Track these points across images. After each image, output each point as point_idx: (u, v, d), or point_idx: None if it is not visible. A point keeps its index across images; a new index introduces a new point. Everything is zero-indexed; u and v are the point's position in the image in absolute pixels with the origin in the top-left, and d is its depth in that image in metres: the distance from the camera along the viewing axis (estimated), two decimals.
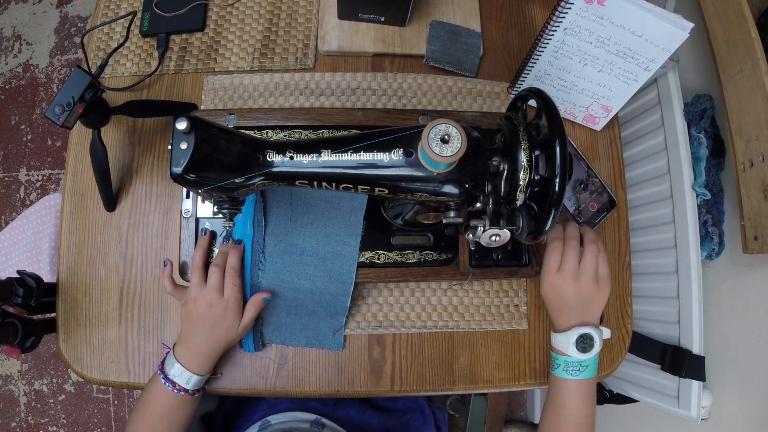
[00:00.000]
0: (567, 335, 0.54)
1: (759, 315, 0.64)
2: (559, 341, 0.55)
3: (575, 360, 0.54)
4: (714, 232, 0.70)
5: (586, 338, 0.53)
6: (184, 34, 0.70)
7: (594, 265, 0.54)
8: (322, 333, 0.62)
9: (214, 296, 0.54)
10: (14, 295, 0.59)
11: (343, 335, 0.62)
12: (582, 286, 0.54)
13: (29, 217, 0.85)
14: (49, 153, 1.52)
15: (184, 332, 0.56)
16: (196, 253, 0.57)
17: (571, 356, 0.54)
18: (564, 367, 0.55)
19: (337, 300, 0.60)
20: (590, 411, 0.55)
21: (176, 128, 0.42)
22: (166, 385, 0.54)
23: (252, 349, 0.61)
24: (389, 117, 0.62)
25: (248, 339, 0.60)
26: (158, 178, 0.66)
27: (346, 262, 0.60)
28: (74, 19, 1.59)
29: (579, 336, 0.53)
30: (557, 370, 0.55)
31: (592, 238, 0.56)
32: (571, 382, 0.54)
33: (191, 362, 0.54)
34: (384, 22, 0.69)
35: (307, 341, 0.62)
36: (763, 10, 0.65)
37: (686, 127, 0.74)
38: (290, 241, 0.60)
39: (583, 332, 0.53)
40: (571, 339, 0.54)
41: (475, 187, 0.45)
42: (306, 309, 0.61)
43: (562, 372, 0.55)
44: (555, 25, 0.58)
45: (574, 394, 0.54)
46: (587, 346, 0.54)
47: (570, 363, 0.54)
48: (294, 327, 0.61)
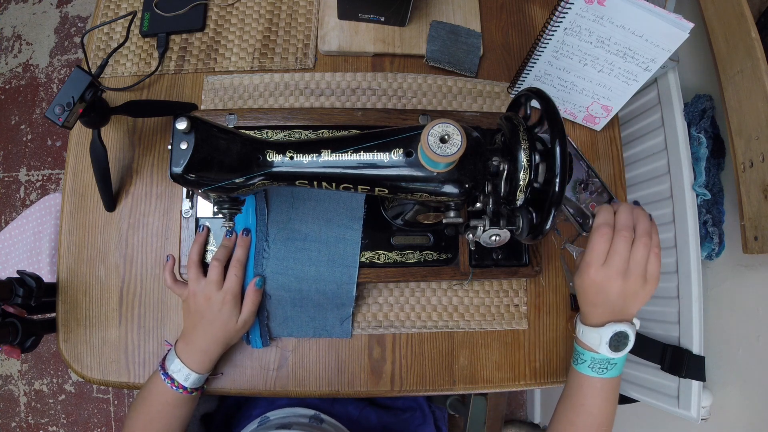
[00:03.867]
0: (600, 332, 0.49)
1: (759, 315, 0.64)
2: (589, 337, 0.50)
3: (604, 358, 0.49)
4: (714, 232, 0.70)
5: (621, 336, 0.48)
6: (184, 34, 0.70)
7: (645, 261, 0.47)
8: (330, 323, 0.62)
9: (212, 290, 0.54)
10: (14, 295, 0.59)
11: (351, 323, 0.62)
12: (629, 285, 0.47)
13: (29, 217, 0.85)
14: (49, 153, 1.52)
15: (185, 328, 0.56)
16: (193, 249, 0.57)
17: (600, 353, 0.49)
18: (590, 364, 0.50)
19: (343, 290, 0.60)
20: (611, 411, 0.51)
21: (176, 128, 0.42)
22: (165, 382, 0.53)
23: (260, 345, 0.61)
24: (389, 117, 0.62)
25: (255, 334, 0.60)
26: (158, 178, 0.66)
27: (349, 246, 0.60)
28: (74, 19, 1.59)
29: (614, 334, 0.48)
30: (581, 366, 0.50)
31: (646, 229, 0.48)
32: (595, 380, 0.50)
33: (190, 358, 0.54)
34: (384, 22, 0.69)
35: (314, 332, 0.62)
36: (763, 10, 0.65)
37: (686, 127, 0.74)
38: (293, 228, 0.60)
39: (619, 330, 0.48)
40: (605, 336, 0.48)
41: (475, 187, 0.45)
42: (312, 302, 0.60)
43: (587, 369, 0.50)
44: (555, 25, 0.58)
45: (598, 393, 0.50)
46: (620, 345, 0.48)
47: (598, 360, 0.49)
48: (301, 319, 0.61)
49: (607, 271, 0.47)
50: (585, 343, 0.50)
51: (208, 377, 0.58)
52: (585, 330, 0.50)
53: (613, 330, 0.48)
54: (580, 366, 0.51)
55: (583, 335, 0.50)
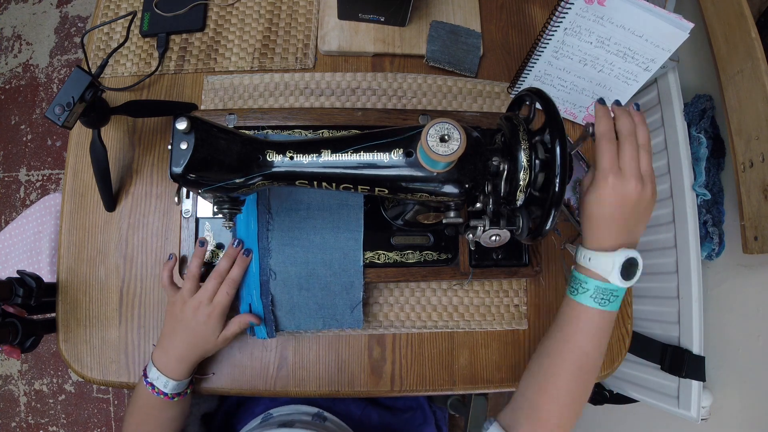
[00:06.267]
0: (613, 257, 0.44)
1: (759, 315, 0.64)
2: (600, 262, 0.45)
3: (610, 287, 0.45)
4: (714, 232, 0.70)
5: (632, 263, 0.44)
6: (184, 34, 0.70)
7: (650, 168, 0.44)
8: (339, 311, 0.60)
9: (203, 301, 0.55)
10: (14, 295, 0.59)
11: (362, 311, 0.60)
12: (645, 192, 0.44)
13: (29, 217, 0.85)
14: (49, 153, 1.52)
15: (163, 334, 0.56)
16: (193, 262, 0.57)
17: (608, 282, 0.45)
18: (593, 294, 0.45)
19: (349, 259, 0.59)
20: (603, 349, 0.47)
21: (176, 128, 0.42)
22: (147, 387, 0.54)
23: (264, 335, 0.59)
24: (389, 117, 0.62)
25: (260, 325, 0.59)
26: (158, 178, 0.66)
27: (352, 211, 0.60)
28: (74, 19, 1.59)
29: (627, 259, 0.44)
30: (582, 296, 0.46)
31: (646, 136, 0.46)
32: (594, 312, 0.46)
33: (167, 366, 0.55)
34: (384, 22, 0.69)
35: (324, 323, 0.60)
36: (763, 10, 0.65)
37: (686, 127, 0.74)
38: (295, 198, 0.60)
39: (631, 255, 0.44)
40: (617, 262, 0.44)
41: (475, 187, 0.45)
42: (319, 282, 0.59)
43: (587, 299, 0.46)
44: (555, 25, 0.58)
45: (595, 327, 0.46)
46: (631, 273, 0.45)
47: (602, 290, 0.45)
48: (308, 307, 0.60)
49: (626, 177, 0.44)
50: (592, 270, 0.46)
51: (192, 381, 0.58)
52: (594, 255, 0.45)
53: (626, 255, 0.44)
54: (581, 296, 0.46)
55: (591, 261, 0.46)
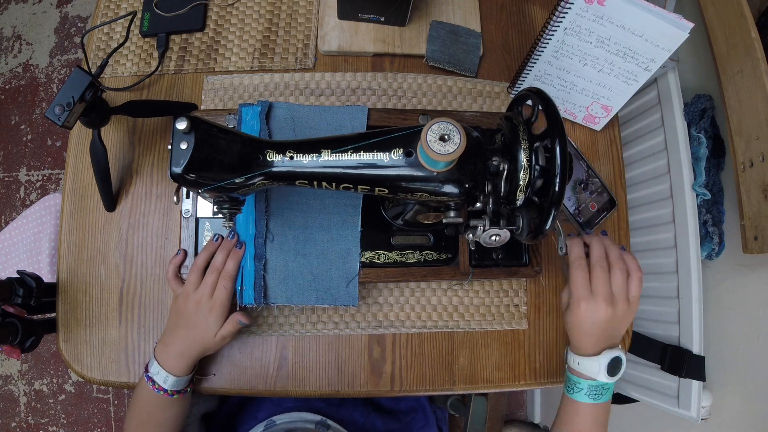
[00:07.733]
0: (599, 360, 0.51)
1: (759, 315, 0.64)
2: (588, 366, 0.52)
3: (601, 384, 0.52)
4: (714, 232, 0.70)
5: (616, 361, 0.51)
6: (184, 34, 0.70)
7: (625, 285, 0.51)
8: (334, 284, 0.58)
9: (205, 295, 0.55)
10: (14, 295, 0.59)
11: (357, 287, 0.59)
12: (617, 311, 0.50)
13: (29, 217, 0.85)
14: (49, 153, 1.52)
15: (167, 328, 0.57)
16: (201, 255, 0.57)
17: (597, 380, 0.51)
18: (587, 392, 0.52)
19: (348, 226, 0.59)
20: None
21: (176, 128, 0.42)
22: (148, 383, 0.55)
23: (252, 301, 0.57)
24: (389, 117, 0.62)
25: (248, 286, 0.57)
26: (158, 178, 0.66)
27: None
28: (74, 19, 1.59)
29: (611, 359, 0.51)
30: (578, 394, 0.53)
31: (617, 255, 0.52)
32: (590, 406, 0.52)
33: (167, 360, 0.55)
34: (384, 22, 0.69)
35: (317, 297, 0.58)
36: (763, 10, 0.65)
37: (686, 127, 0.74)
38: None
39: (614, 356, 0.51)
40: (603, 364, 0.51)
41: (475, 186, 0.45)
42: (316, 247, 0.58)
43: (583, 396, 0.52)
44: (555, 25, 0.58)
45: (594, 418, 0.52)
46: (616, 369, 0.51)
47: (595, 387, 0.52)
48: (303, 277, 0.58)
49: (596, 301, 0.51)
50: (582, 373, 0.53)
51: (192, 379, 0.58)
52: (582, 360, 0.53)
53: (610, 356, 0.51)
54: (576, 394, 0.53)
55: (580, 365, 0.53)
